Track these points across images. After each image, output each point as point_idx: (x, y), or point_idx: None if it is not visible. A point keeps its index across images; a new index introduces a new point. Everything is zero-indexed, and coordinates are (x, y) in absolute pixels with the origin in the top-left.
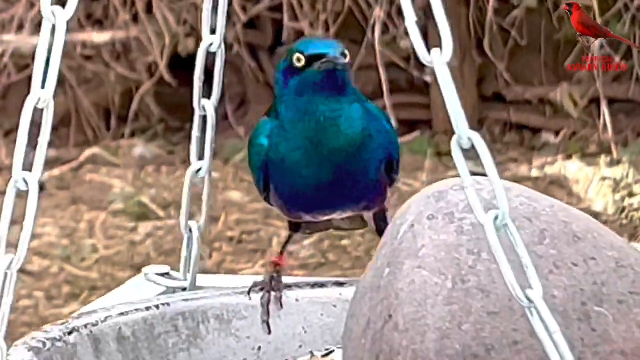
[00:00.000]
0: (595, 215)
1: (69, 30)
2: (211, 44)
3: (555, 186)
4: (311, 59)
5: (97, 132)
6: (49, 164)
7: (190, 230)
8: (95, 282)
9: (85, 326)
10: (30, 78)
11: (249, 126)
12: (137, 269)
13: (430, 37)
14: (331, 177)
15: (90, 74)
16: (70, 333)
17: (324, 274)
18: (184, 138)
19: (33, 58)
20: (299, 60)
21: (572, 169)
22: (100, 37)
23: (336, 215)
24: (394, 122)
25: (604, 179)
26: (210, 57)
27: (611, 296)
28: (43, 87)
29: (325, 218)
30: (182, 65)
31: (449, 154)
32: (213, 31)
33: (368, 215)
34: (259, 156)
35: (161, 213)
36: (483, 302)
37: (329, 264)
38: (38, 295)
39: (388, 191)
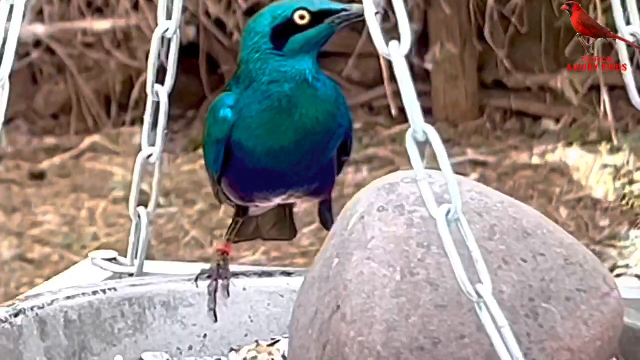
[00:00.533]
0: (596, 203)
1: (69, 18)
2: (167, 30)
3: (556, 174)
4: (318, 16)
5: (97, 120)
6: (50, 152)
7: (139, 217)
8: None
9: (32, 309)
10: None
11: None
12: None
13: (430, 32)
14: (295, 146)
15: (90, 62)
16: (16, 315)
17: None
18: (184, 126)
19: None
20: (302, 17)
21: (573, 156)
22: (101, 25)
23: (287, 197)
24: (394, 110)
25: (604, 166)
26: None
27: (559, 293)
28: None
29: (276, 200)
30: (182, 53)
31: (448, 141)
32: (169, 17)
33: (298, 209)
34: (220, 129)
35: (162, 201)
36: (431, 296)
37: None
38: (39, 283)
39: (335, 177)
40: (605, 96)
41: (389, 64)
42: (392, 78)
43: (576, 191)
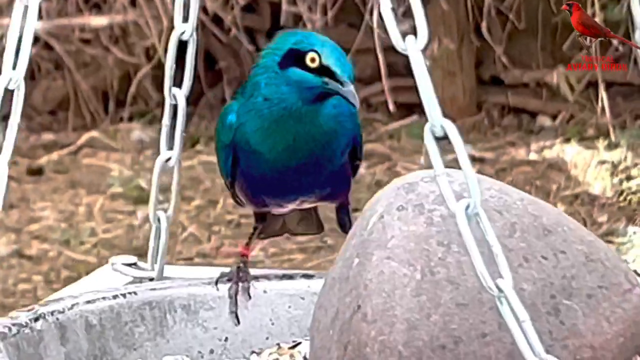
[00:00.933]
0: (593, 199)
1: (66, 14)
2: (183, 32)
3: (554, 170)
4: (324, 69)
5: (95, 116)
6: (47, 147)
7: (159, 220)
8: (93, 266)
9: (52, 313)
10: None
11: None
12: (136, 253)
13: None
14: (294, 154)
15: (88, 58)
16: (36, 320)
17: (322, 257)
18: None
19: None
20: (312, 60)
21: (570, 152)
22: (98, 20)
23: (299, 203)
24: (392, 106)
25: (602, 162)
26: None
27: (580, 290)
28: (14, 68)
29: (289, 206)
30: (180, 48)
31: (445, 137)
32: (186, 19)
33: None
34: (227, 134)
35: (159, 197)
36: (452, 294)
37: (326, 248)
38: (36, 279)
39: (352, 181)
40: (602, 92)
41: (386, 60)
42: (390, 74)
43: (573, 187)
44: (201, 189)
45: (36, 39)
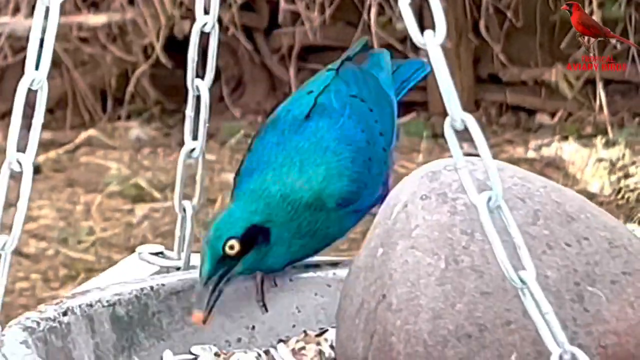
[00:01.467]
0: (591, 197)
1: (64, 13)
2: (205, 24)
3: (551, 167)
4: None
5: (93, 114)
6: (45, 146)
7: (184, 210)
8: (91, 264)
9: (80, 306)
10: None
11: (245, 108)
12: (134, 251)
13: (426, 19)
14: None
15: (86, 56)
16: (64, 313)
17: (324, 254)
18: (180, 120)
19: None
20: (232, 247)
21: (568, 150)
22: (96, 19)
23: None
24: None
25: (600, 160)
26: (205, 37)
27: (604, 276)
28: (37, 68)
29: None
30: (178, 47)
31: (443, 135)
32: (207, 11)
33: None
34: None
35: (157, 195)
36: (476, 282)
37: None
38: (34, 278)
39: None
40: (600, 90)
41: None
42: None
43: (571, 185)
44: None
45: None
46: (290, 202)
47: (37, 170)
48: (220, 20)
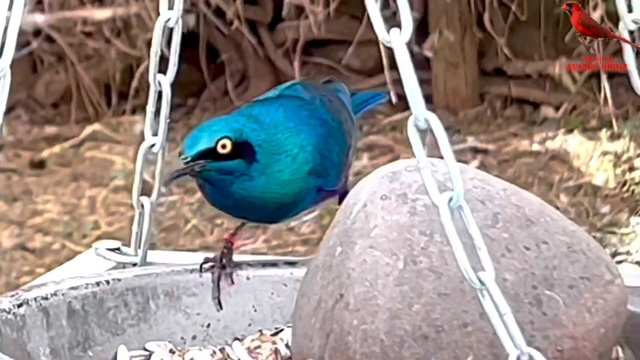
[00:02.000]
0: (596, 189)
1: (69, 7)
2: (169, 19)
3: (556, 160)
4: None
5: (97, 108)
6: (50, 140)
7: (142, 206)
8: None
9: (35, 299)
10: None
11: (250, 102)
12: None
13: (430, 19)
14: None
15: (90, 51)
16: (20, 305)
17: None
18: (184, 114)
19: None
20: (224, 146)
21: (573, 143)
22: (100, 13)
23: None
24: (394, 97)
25: (604, 153)
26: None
27: (562, 280)
28: (0, 56)
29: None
30: (182, 41)
31: (448, 128)
32: (171, 7)
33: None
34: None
35: (162, 189)
36: (434, 284)
37: None
38: (40, 272)
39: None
40: (605, 83)
41: (389, 51)
42: (392, 66)
43: (576, 178)
44: None
45: (38, 32)
46: (279, 144)
47: (41, 164)
48: (224, 14)
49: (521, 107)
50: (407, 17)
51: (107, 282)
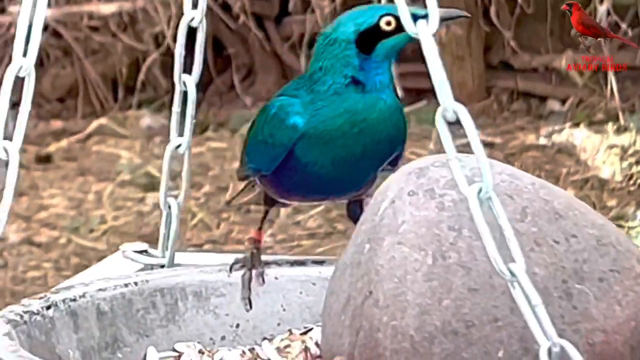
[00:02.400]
0: (603, 183)
1: (75, 2)
2: (192, 19)
3: (563, 154)
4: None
5: (104, 103)
6: (56, 135)
7: (169, 207)
8: (103, 253)
9: (64, 301)
10: None
11: (256, 96)
12: (146, 240)
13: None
14: (361, 157)
15: (97, 45)
16: (48, 307)
17: (332, 243)
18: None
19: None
20: (388, 23)
21: (580, 136)
22: (107, 7)
23: (326, 202)
24: (400, 91)
25: (611, 146)
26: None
27: (592, 274)
28: (25, 55)
29: (311, 202)
30: (189, 35)
31: (455, 122)
32: (195, 5)
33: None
34: (289, 135)
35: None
36: (463, 279)
37: (336, 233)
38: (46, 266)
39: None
40: (611, 76)
41: None
42: (399, 59)
43: (583, 171)
44: (210, 175)
45: (45, 27)
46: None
47: (48, 159)
48: (230, 8)
49: (527, 100)
50: (434, 8)
51: (136, 283)
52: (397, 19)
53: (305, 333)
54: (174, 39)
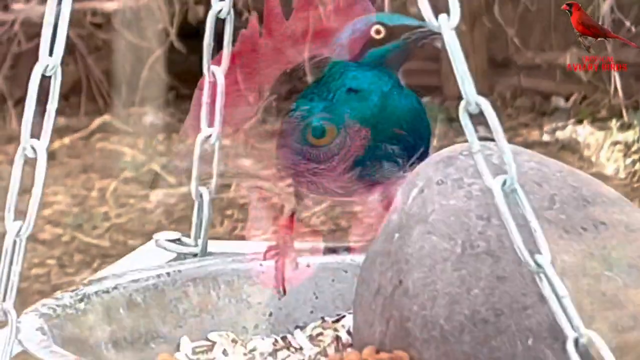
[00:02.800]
0: (606, 179)
1: None
2: (220, 10)
3: (567, 151)
4: (395, 31)
5: (107, 100)
6: (60, 132)
7: (201, 196)
8: (106, 250)
9: (96, 293)
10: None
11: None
12: (149, 237)
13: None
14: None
15: (100, 42)
16: (81, 300)
17: (336, 240)
18: None
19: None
20: (377, 32)
21: (583, 133)
22: (110, 5)
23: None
24: None
25: (614, 143)
26: (220, 23)
27: (621, 260)
28: (50, 54)
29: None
30: (192, 32)
31: (459, 119)
32: None
33: None
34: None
35: (172, 180)
36: (492, 267)
37: (340, 231)
38: (50, 263)
39: None
40: (615, 73)
41: None
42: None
43: (587, 168)
44: None
45: None
46: None
47: (51, 156)
48: (234, 5)
49: (531, 97)
50: (454, 2)
51: (168, 273)
52: (386, 27)
53: (337, 321)
54: (178, 36)
